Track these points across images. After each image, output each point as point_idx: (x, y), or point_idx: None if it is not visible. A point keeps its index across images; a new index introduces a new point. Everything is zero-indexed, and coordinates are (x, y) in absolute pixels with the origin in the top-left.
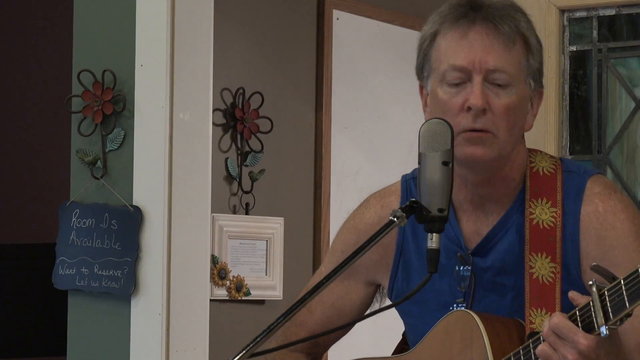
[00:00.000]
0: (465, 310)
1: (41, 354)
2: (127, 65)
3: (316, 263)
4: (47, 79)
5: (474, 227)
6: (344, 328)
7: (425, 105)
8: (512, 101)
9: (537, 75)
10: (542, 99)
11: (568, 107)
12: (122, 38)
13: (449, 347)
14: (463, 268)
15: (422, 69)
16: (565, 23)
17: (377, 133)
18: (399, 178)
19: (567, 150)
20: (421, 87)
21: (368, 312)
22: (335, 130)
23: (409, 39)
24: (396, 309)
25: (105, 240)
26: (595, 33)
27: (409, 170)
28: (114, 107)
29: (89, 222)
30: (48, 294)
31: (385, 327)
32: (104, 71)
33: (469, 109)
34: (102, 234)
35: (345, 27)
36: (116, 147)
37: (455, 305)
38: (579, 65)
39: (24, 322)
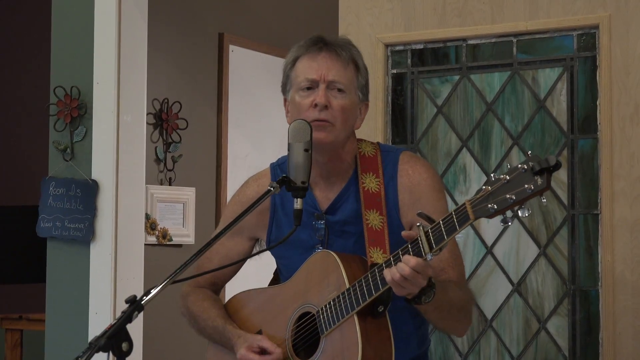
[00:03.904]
0: (326, 250)
1: (26, 281)
2: (88, 83)
3: (217, 219)
4: (33, 91)
5: (324, 194)
6: (231, 265)
7: (287, 112)
8: (345, 103)
9: (364, 90)
10: (367, 108)
11: (391, 111)
12: (84, 64)
13: (314, 276)
14: (318, 222)
15: (286, 85)
16: (389, 54)
17: (260, 129)
18: (274, 160)
19: (390, 141)
20: (285, 100)
21: (253, 252)
22: (231, 127)
23: (280, 64)
24: (272, 253)
25: (72, 203)
26: (409, 61)
27: (280, 154)
28: (78, 111)
29: (61, 190)
30: (32, 239)
31: (264, 269)
32: (72, 87)
33: (316, 105)
34: (70, 198)
35: (238, 56)
36: (80, 139)
37: (316, 248)
38: (398, 83)
39: (16, 258)
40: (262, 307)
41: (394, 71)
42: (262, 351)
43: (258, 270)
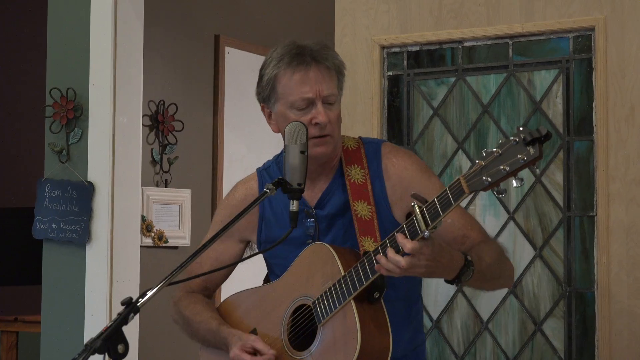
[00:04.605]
0: (319, 242)
1: (21, 283)
2: (84, 84)
3: None
4: (29, 93)
5: (311, 191)
6: (224, 268)
7: (269, 120)
8: (338, 112)
9: (342, 87)
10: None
11: (387, 113)
12: (80, 65)
13: (308, 269)
14: (308, 221)
15: (270, 97)
16: (385, 56)
17: (255, 131)
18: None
19: None
20: (263, 107)
21: (245, 256)
22: (227, 129)
23: None
24: (264, 254)
25: (68, 205)
26: (405, 63)
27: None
28: (74, 113)
29: (57, 192)
30: (28, 241)
31: (262, 271)
32: (68, 88)
33: (317, 124)
34: (66, 200)
35: (234, 58)
36: (76, 141)
37: (307, 243)
38: (394, 85)
39: (11, 260)
40: (256, 306)
41: (390, 73)
42: (256, 352)
43: (256, 273)
